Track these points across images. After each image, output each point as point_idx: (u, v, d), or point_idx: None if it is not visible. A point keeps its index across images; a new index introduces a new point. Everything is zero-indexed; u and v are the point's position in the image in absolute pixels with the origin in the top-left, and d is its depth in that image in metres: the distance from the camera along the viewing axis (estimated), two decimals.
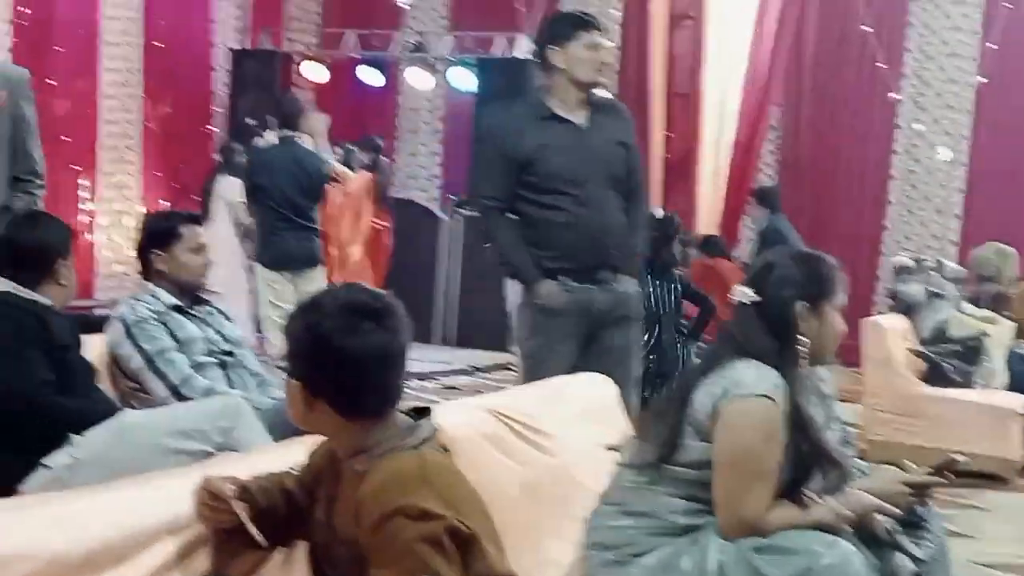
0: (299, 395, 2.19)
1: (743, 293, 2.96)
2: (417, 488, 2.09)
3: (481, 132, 4.96)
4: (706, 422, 2.82)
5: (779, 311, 2.90)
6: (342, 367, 2.15)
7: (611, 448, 3.35)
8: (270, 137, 8.98)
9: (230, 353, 4.29)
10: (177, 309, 4.20)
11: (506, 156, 4.59)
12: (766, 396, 2.77)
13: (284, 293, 7.25)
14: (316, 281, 7.35)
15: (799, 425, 2.82)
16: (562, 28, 4.60)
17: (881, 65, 11.05)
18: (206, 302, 4.38)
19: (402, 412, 2.26)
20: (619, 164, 4.69)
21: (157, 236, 4.25)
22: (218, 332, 4.32)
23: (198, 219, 4.46)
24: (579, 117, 4.62)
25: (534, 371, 4.49)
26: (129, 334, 4.06)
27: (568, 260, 4.59)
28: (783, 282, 2.93)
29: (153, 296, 4.19)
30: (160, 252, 4.20)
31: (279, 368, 2.31)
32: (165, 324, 4.13)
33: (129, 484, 2.45)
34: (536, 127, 4.58)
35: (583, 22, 4.60)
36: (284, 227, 7.27)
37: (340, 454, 2.25)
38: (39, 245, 3.84)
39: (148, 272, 4.26)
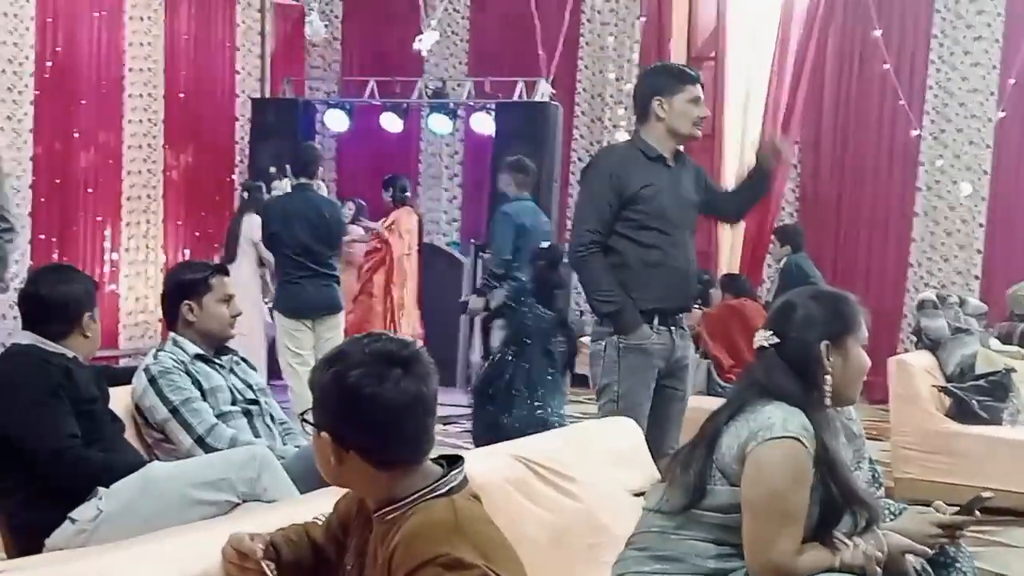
0: (328, 448, 2.17)
1: (764, 336, 2.95)
2: (450, 537, 2.08)
3: (589, 168, 5.04)
4: (733, 466, 2.80)
5: (802, 352, 2.89)
6: (372, 416, 2.14)
7: (638, 493, 3.34)
8: (285, 185, 9.01)
9: (255, 402, 4.30)
10: (201, 358, 4.20)
11: (614, 191, 4.65)
12: (794, 438, 2.75)
13: (304, 341, 7.23)
14: (337, 328, 7.34)
15: (827, 466, 2.79)
16: (668, 81, 4.70)
17: (902, 102, 11.04)
18: (231, 351, 4.39)
19: (432, 460, 2.25)
20: (696, 213, 4.86)
21: (186, 287, 4.25)
22: (243, 381, 4.33)
23: (226, 270, 4.47)
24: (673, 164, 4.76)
25: (626, 413, 4.47)
26: (154, 385, 4.05)
27: (658, 301, 4.67)
28: (805, 322, 2.91)
29: (177, 346, 4.19)
30: (190, 303, 4.21)
31: (302, 419, 2.29)
32: (190, 374, 4.13)
33: (157, 538, 2.45)
34: (645, 166, 4.68)
35: (689, 76, 4.73)
36: (301, 275, 7.21)
37: (370, 504, 2.23)
38: (64, 299, 3.84)
39: (174, 322, 4.27)
